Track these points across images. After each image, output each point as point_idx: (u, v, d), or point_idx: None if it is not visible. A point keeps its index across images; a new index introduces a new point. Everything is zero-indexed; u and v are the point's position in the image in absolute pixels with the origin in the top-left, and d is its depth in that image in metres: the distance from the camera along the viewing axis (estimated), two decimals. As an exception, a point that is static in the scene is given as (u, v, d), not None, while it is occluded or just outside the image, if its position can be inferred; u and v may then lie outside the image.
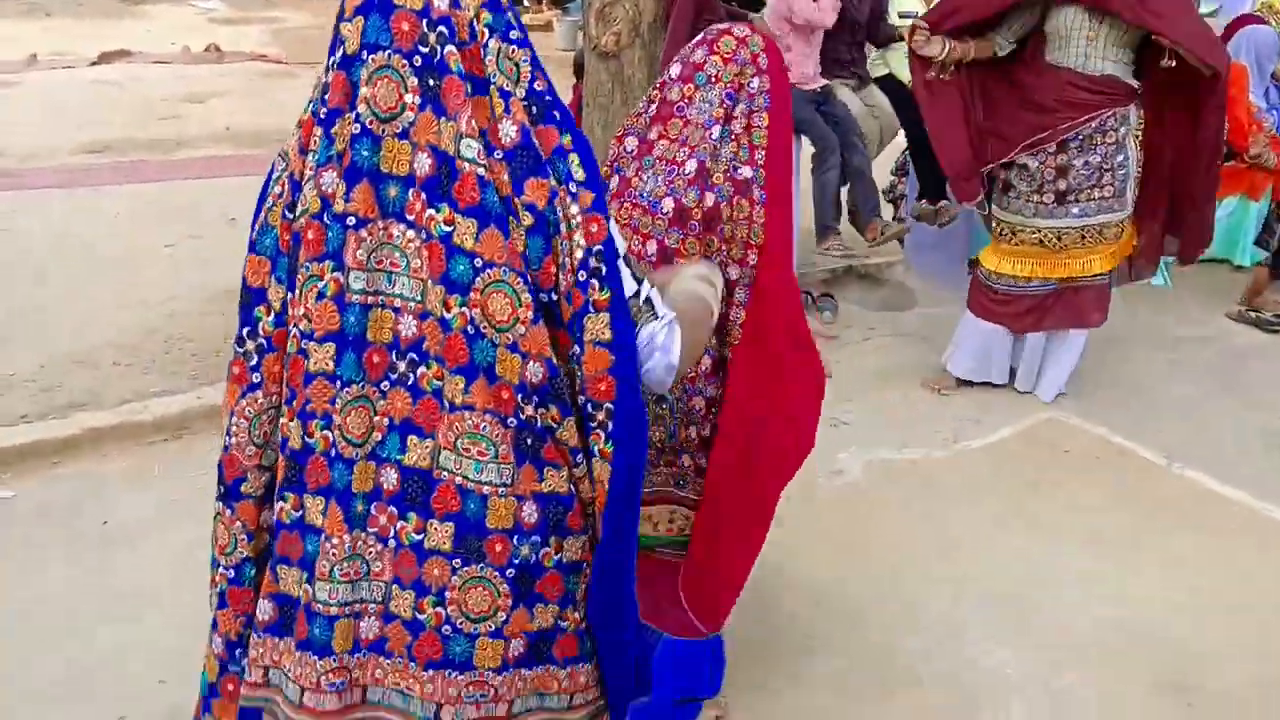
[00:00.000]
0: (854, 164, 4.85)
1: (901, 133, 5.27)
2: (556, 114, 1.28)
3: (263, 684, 1.38)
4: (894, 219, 5.52)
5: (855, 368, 4.42)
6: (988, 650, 2.74)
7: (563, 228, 1.24)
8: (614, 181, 2.03)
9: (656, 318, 1.32)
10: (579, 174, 1.27)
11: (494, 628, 1.31)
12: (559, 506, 1.31)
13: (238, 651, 1.42)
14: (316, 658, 1.31)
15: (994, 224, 4.04)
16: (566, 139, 1.28)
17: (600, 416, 1.28)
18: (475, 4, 1.24)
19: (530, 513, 1.29)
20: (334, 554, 1.29)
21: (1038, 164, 3.82)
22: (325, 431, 1.28)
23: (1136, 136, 3.82)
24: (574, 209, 1.25)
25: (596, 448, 1.30)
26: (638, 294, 1.33)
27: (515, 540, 1.29)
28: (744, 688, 2.55)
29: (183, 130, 7.87)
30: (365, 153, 1.23)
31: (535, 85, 1.27)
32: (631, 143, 2.04)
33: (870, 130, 4.97)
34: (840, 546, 3.13)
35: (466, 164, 1.21)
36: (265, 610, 1.36)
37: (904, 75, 4.99)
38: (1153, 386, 4.36)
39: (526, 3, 14.03)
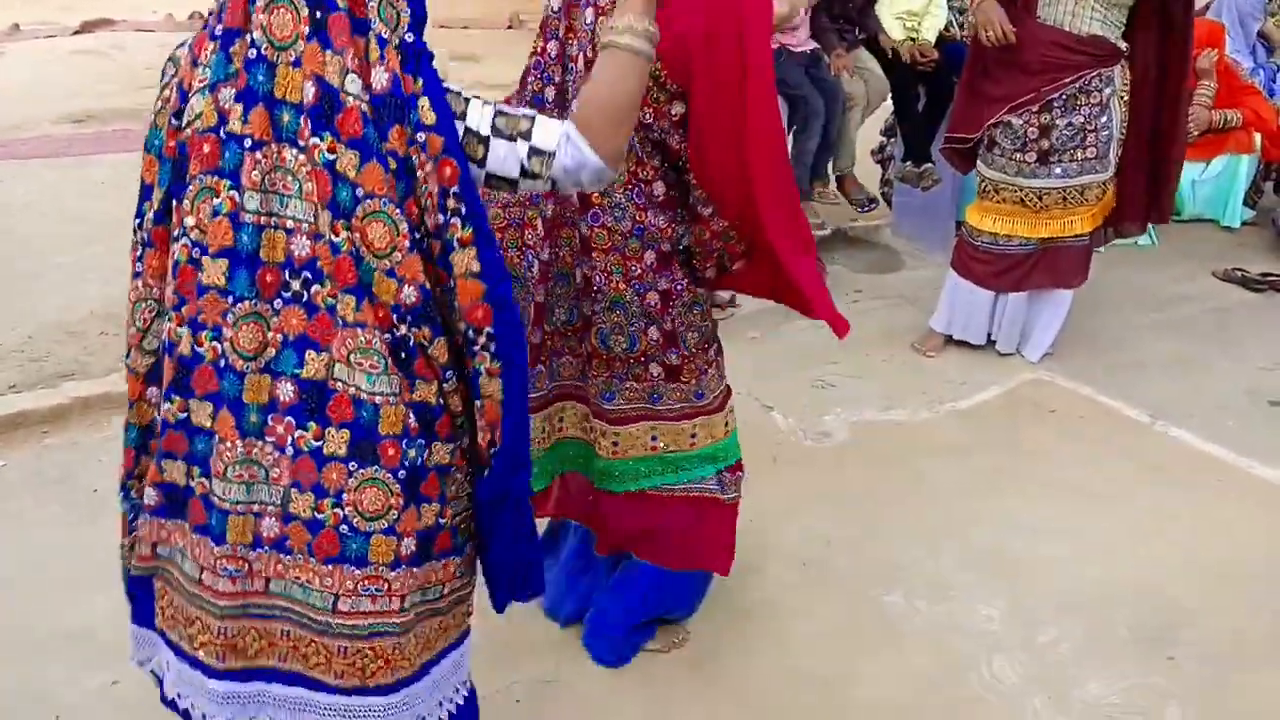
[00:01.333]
0: (832, 133, 4.86)
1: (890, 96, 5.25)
2: (417, 61, 1.36)
3: (150, 557, 1.55)
4: (881, 180, 5.53)
5: (841, 330, 4.42)
6: (972, 608, 2.77)
7: (419, 174, 1.33)
8: (550, 94, 2.03)
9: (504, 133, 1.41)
10: (429, 118, 1.34)
11: (387, 525, 1.42)
12: (429, 414, 1.42)
13: (119, 496, 1.59)
14: (214, 544, 1.44)
15: (979, 180, 4.04)
16: (418, 84, 1.35)
17: (482, 340, 1.40)
18: None
19: (413, 420, 1.40)
20: (227, 456, 1.40)
21: (1021, 122, 3.80)
22: (215, 343, 1.38)
23: (1122, 98, 3.80)
24: (424, 156, 1.33)
25: (483, 367, 1.41)
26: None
27: (405, 445, 1.40)
28: (728, 647, 2.58)
29: (167, 98, 7.79)
30: (260, 78, 1.31)
31: (407, 36, 1.35)
32: (554, 47, 2.04)
33: (857, 93, 4.95)
34: (827, 508, 3.16)
35: (351, 98, 1.30)
36: (151, 496, 1.50)
37: (896, 36, 4.99)
38: (1139, 346, 4.38)
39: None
